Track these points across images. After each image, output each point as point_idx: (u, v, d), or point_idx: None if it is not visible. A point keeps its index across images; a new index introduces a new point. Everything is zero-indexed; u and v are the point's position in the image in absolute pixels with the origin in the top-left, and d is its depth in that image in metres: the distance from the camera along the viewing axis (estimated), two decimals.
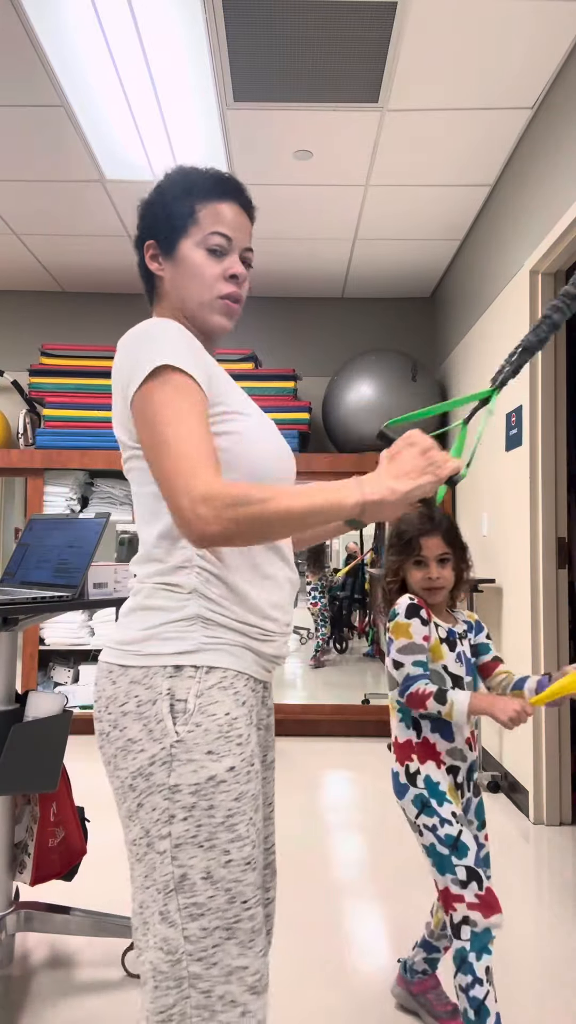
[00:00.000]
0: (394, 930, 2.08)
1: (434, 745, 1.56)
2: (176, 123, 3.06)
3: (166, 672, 0.99)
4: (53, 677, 4.34)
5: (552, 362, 2.99)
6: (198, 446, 0.93)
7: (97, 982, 1.82)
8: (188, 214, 1.09)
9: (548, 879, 2.45)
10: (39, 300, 4.85)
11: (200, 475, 0.90)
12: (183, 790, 0.96)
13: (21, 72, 2.73)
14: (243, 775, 0.99)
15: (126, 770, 1.00)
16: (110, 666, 1.04)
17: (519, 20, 2.46)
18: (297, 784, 3.35)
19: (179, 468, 0.91)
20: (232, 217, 1.11)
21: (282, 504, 0.90)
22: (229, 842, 0.97)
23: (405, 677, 1.52)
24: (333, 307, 4.91)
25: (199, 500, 0.89)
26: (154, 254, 1.12)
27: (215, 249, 1.09)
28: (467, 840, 1.48)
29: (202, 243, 1.09)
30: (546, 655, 2.92)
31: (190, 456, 0.92)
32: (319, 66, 2.69)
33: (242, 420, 1.05)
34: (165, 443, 0.93)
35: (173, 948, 0.95)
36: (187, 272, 1.09)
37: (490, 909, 1.43)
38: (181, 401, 0.95)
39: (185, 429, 0.94)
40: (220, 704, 0.99)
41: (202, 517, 0.89)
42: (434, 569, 1.60)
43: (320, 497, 0.92)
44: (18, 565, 1.98)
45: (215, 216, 1.09)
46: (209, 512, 0.88)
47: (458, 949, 1.42)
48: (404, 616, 1.57)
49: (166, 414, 0.95)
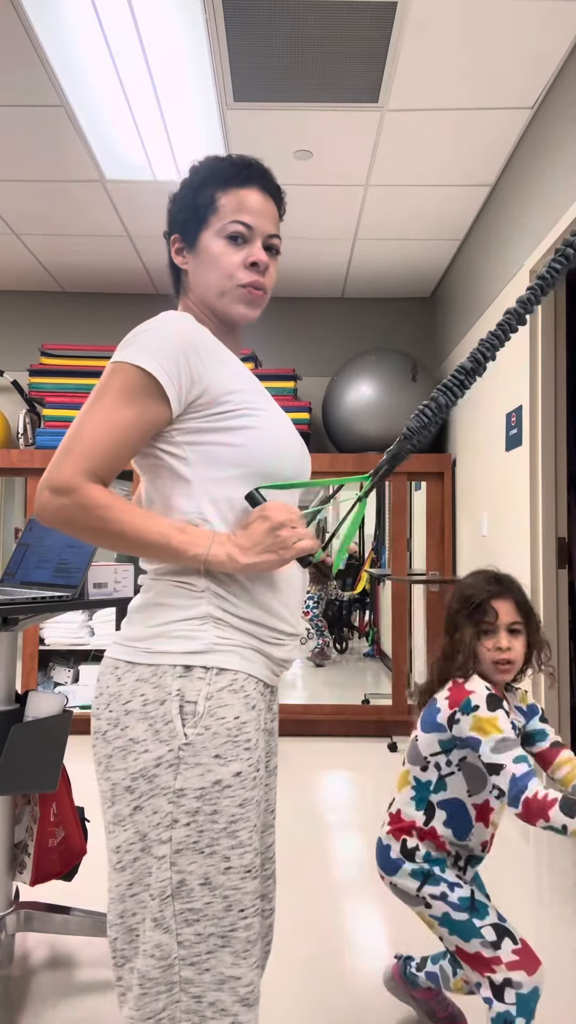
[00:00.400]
0: (394, 930, 2.08)
1: (440, 837, 1.41)
2: (176, 123, 3.06)
3: (176, 672, 0.98)
4: (53, 677, 4.34)
5: (552, 362, 2.99)
6: (97, 440, 0.95)
7: (97, 982, 1.82)
8: (208, 204, 1.08)
9: (548, 879, 2.45)
10: (39, 300, 4.85)
11: (73, 464, 0.94)
12: (188, 794, 0.94)
13: (21, 72, 2.73)
14: (249, 780, 0.98)
15: (123, 771, 0.97)
16: (116, 662, 1.02)
17: (519, 20, 2.46)
18: (297, 784, 3.35)
19: (67, 446, 0.95)
20: (254, 203, 1.08)
21: (120, 522, 0.95)
22: (230, 848, 0.95)
23: (511, 779, 1.25)
24: (333, 307, 4.91)
25: (49, 483, 0.94)
26: (179, 247, 1.12)
27: (235, 236, 1.07)
28: (482, 899, 1.38)
29: (221, 232, 1.07)
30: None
31: (83, 443, 0.95)
32: (319, 66, 2.69)
33: (256, 417, 1.04)
34: (78, 420, 0.97)
35: (166, 953, 0.93)
36: (207, 262, 1.08)
37: (533, 963, 1.30)
38: (118, 398, 0.97)
39: (100, 421, 0.96)
40: (230, 707, 0.98)
41: (42, 500, 0.94)
42: (504, 639, 1.39)
43: (158, 536, 0.96)
44: (18, 565, 1.98)
45: (236, 203, 1.07)
46: (49, 497, 0.94)
47: (500, 1013, 1.28)
48: (487, 709, 1.32)
49: (98, 399, 0.97)
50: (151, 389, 0.97)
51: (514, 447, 3.16)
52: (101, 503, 0.93)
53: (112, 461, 0.96)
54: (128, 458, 0.99)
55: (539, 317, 2.97)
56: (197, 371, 1.00)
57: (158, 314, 1.04)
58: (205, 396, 1.01)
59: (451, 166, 3.35)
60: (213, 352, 1.03)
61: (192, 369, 0.99)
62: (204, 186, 1.09)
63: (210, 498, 1.02)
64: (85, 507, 0.93)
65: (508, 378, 3.24)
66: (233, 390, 1.03)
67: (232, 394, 1.03)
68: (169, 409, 0.99)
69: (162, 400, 0.98)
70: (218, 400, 1.01)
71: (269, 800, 1.16)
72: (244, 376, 1.07)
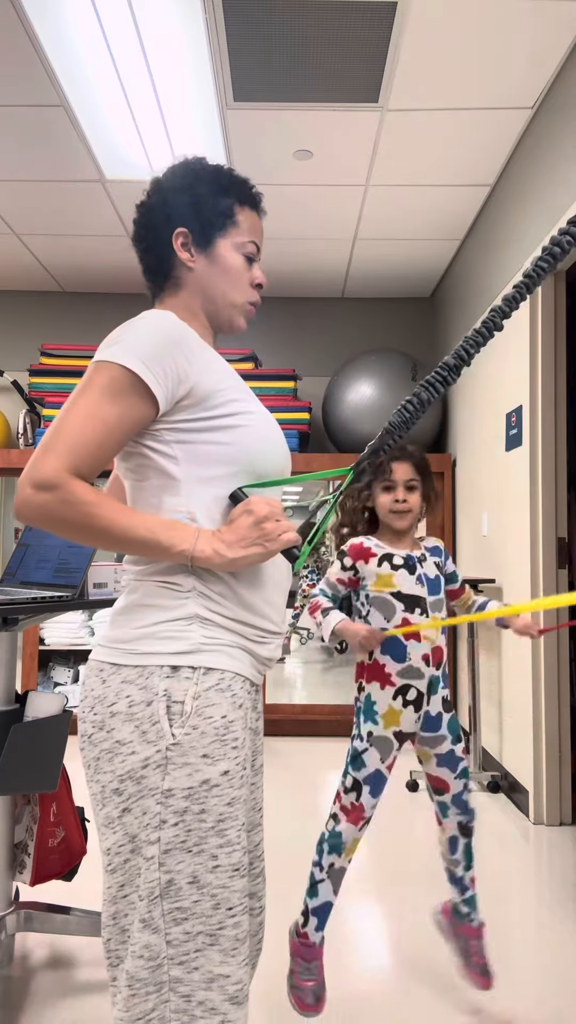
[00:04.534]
0: (394, 930, 2.08)
1: (383, 666, 1.67)
2: (176, 123, 3.05)
3: (163, 672, 0.98)
4: (53, 677, 4.34)
5: (552, 362, 2.99)
6: (80, 436, 0.94)
7: (97, 982, 1.82)
8: (228, 214, 1.11)
9: (548, 879, 2.45)
10: (39, 300, 4.85)
11: (56, 460, 0.92)
12: (176, 794, 0.94)
13: (21, 72, 2.73)
14: (236, 779, 0.98)
15: (111, 773, 0.97)
16: (101, 664, 1.02)
17: (519, 20, 2.46)
18: (297, 784, 3.35)
19: (49, 442, 0.94)
20: (260, 228, 1.16)
21: (107, 519, 0.93)
22: (218, 847, 0.95)
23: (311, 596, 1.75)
24: (333, 307, 4.91)
25: (31, 478, 0.92)
26: (186, 243, 1.11)
27: (250, 257, 1.14)
28: (369, 759, 1.67)
29: (240, 248, 1.12)
30: (546, 655, 2.92)
31: (65, 439, 0.93)
32: (319, 66, 2.69)
33: (245, 415, 1.04)
34: (61, 417, 0.96)
35: (154, 954, 0.93)
36: (224, 272, 1.12)
37: (355, 819, 1.65)
38: (102, 396, 0.96)
39: (84, 418, 0.95)
40: (217, 707, 0.98)
41: (22, 495, 0.92)
42: (401, 492, 1.72)
43: (145, 531, 0.95)
44: (18, 565, 1.98)
45: (251, 224, 1.14)
46: (32, 492, 0.91)
47: (321, 833, 1.68)
48: (336, 559, 1.76)
49: (82, 395, 0.96)
50: (137, 388, 0.97)
51: (514, 447, 3.16)
52: (86, 499, 0.92)
53: (95, 459, 0.95)
54: (111, 456, 0.98)
55: (539, 317, 2.97)
56: (184, 370, 1.00)
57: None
58: (192, 394, 1.00)
59: (451, 166, 3.35)
60: (199, 351, 1.03)
61: (179, 368, 0.99)
62: (225, 193, 1.11)
63: (199, 497, 1.02)
64: (70, 503, 0.91)
65: (508, 378, 3.24)
66: (220, 388, 1.03)
67: (220, 392, 1.03)
68: (155, 408, 0.99)
69: (147, 399, 0.97)
70: (206, 398, 1.01)
71: (256, 798, 1.17)
72: (229, 373, 1.07)
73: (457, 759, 1.71)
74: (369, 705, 1.69)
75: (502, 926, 2.08)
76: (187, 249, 1.11)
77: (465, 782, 1.72)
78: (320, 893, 1.67)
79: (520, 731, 3.07)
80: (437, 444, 4.55)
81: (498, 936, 2.05)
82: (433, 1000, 1.76)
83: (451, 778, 1.71)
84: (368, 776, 1.67)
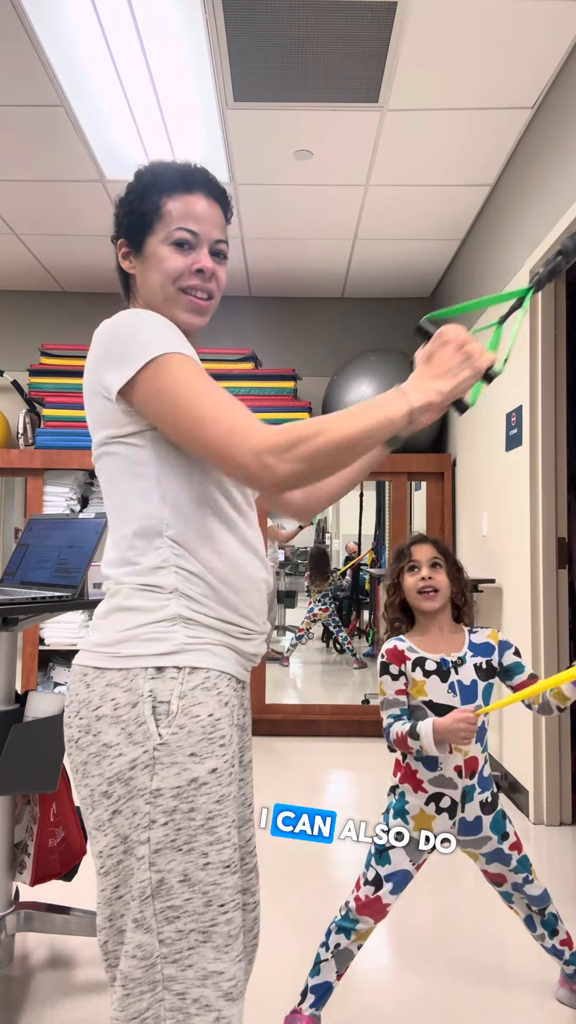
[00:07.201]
0: (394, 931, 2.08)
1: (415, 772, 1.60)
2: (176, 123, 3.06)
3: (147, 674, 0.97)
4: (53, 677, 4.34)
5: (552, 362, 2.99)
6: (232, 406, 0.95)
7: (97, 982, 1.82)
8: (154, 210, 1.07)
9: (548, 879, 2.44)
10: (39, 300, 4.85)
11: (253, 429, 0.93)
12: (165, 794, 0.94)
13: (21, 72, 2.73)
14: (225, 777, 0.98)
15: (99, 776, 0.97)
16: (84, 669, 1.02)
17: (519, 20, 2.46)
18: (297, 784, 3.35)
19: (232, 429, 0.93)
20: (200, 210, 1.07)
21: (337, 432, 0.93)
22: (208, 845, 0.95)
23: (384, 729, 1.61)
24: (333, 307, 4.91)
25: (263, 451, 0.91)
26: (125, 252, 1.11)
27: (181, 243, 1.06)
28: (396, 856, 1.57)
29: (168, 239, 1.06)
30: (546, 655, 2.92)
31: (233, 416, 0.94)
32: (319, 66, 2.69)
33: None
34: (201, 417, 0.94)
35: (147, 953, 0.93)
36: (154, 267, 1.07)
37: (372, 913, 1.57)
38: (190, 376, 0.96)
39: (212, 397, 0.95)
40: (203, 705, 0.98)
41: (270, 466, 0.91)
42: (426, 570, 1.64)
43: (371, 416, 0.95)
44: (18, 565, 1.98)
45: (181, 210, 1.07)
46: (275, 459, 0.91)
47: (333, 917, 1.62)
48: (380, 674, 1.65)
49: (185, 392, 0.95)
50: (186, 357, 0.99)
51: (514, 447, 3.16)
52: (306, 433, 0.92)
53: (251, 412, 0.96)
54: None
55: (539, 317, 2.97)
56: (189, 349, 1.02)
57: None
58: None
59: (451, 166, 3.35)
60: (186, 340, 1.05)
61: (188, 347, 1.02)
62: (149, 192, 1.08)
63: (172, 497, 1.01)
64: (305, 447, 0.92)
65: (508, 378, 3.24)
66: None
67: None
68: None
69: (196, 360, 1.00)
70: None
71: (245, 795, 1.17)
72: None
73: (507, 855, 1.63)
74: (402, 804, 1.62)
75: (502, 926, 2.08)
76: (128, 258, 1.11)
77: (525, 875, 1.64)
78: (322, 972, 1.60)
79: (520, 731, 3.07)
80: (437, 444, 4.55)
81: (498, 936, 2.05)
82: (434, 1000, 1.76)
83: (506, 871, 1.65)
84: (392, 874, 1.58)
